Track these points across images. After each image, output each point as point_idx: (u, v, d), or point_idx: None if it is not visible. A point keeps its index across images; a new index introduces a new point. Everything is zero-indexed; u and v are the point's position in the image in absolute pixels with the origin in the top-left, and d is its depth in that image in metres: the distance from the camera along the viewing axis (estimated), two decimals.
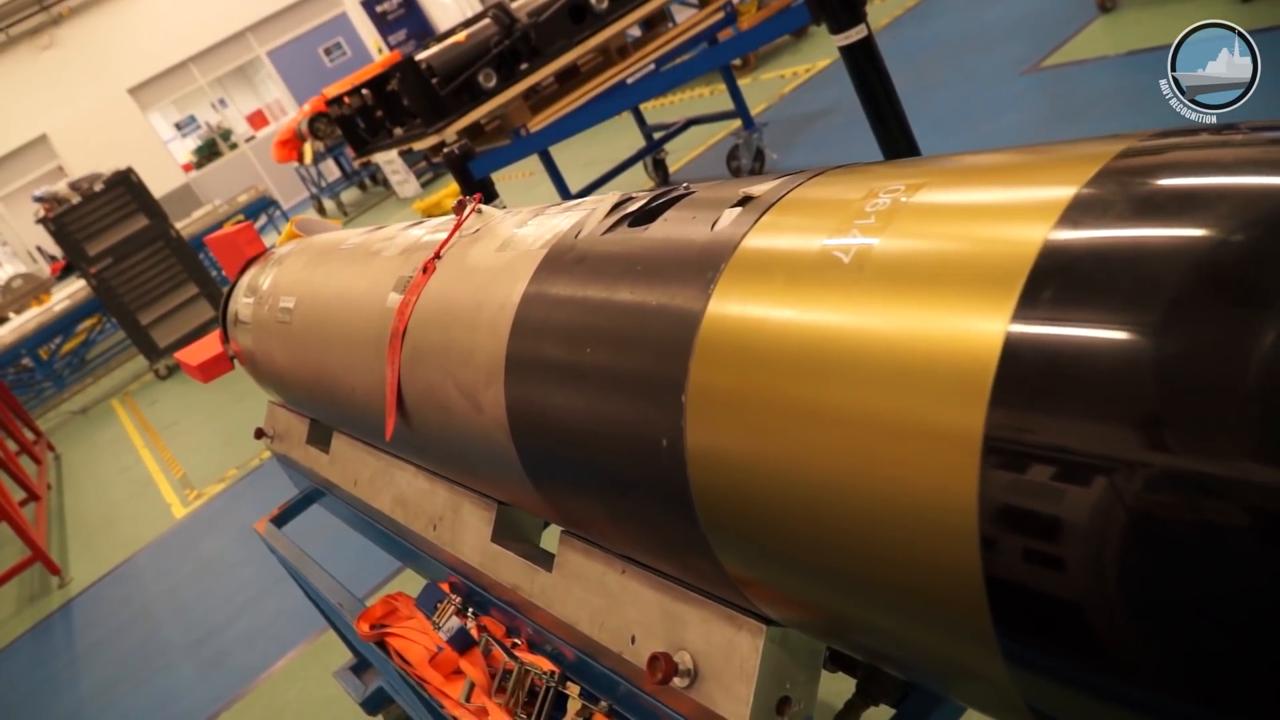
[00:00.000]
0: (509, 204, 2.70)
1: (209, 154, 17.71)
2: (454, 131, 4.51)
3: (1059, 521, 0.50)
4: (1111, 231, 0.51)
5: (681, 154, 6.83)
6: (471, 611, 1.44)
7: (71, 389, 10.42)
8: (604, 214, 1.01)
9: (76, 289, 9.51)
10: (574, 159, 7.04)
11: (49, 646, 4.71)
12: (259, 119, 18.50)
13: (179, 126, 18.68)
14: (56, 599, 5.17)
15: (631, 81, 4.93)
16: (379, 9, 16.61)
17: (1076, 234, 0.53)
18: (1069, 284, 0.51)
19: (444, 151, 4.04)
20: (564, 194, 5.13)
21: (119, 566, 5.19)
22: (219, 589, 4.30)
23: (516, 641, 1.33)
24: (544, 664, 1.24)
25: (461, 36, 4.81)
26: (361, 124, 5.44)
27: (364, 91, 5.31)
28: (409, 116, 4.98)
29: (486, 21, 4.83)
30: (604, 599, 1.06)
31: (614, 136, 7.38)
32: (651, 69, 5.09)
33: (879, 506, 0.60)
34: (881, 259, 0.63)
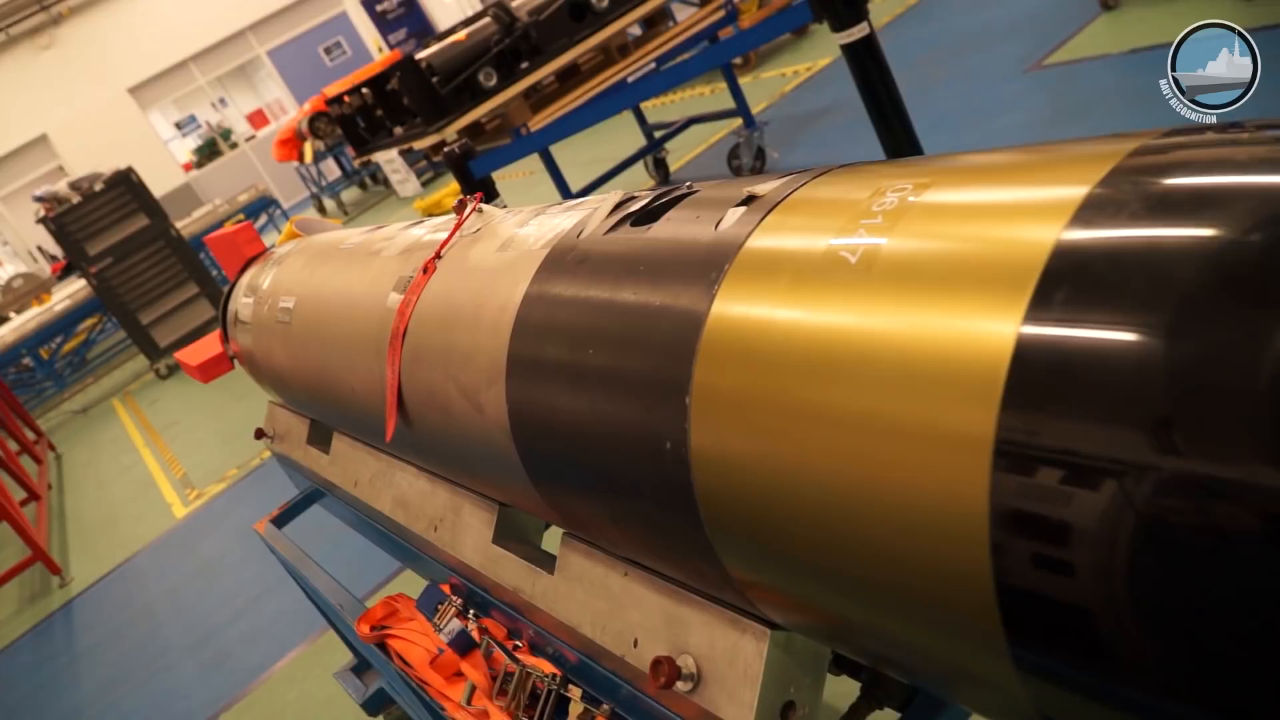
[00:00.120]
0: (509, 203, 2.69)
1: (209, 153, 17.70)
2: (454, 130, 4.51)
3: (1072, 526, 0.49)
4: (1125, 231, 0.50)
5: (682, 153, 6.82)
6: (473, 613, 1.43)
7: (72, 388, 10.42)
8: (606, 213, 1.00)
9: (77, 288, 9.51)
10: (574, 158, 7.03)
11: (50, 646, 4.71)
12: (259, 118, 18.49)
13: (179, 126, 18.68)
14: (57, 599, 5.17)
15: (632, 80, 4.92)
16: (379, 8, 16.59)
17: (1089, 234, 0.52)
18: (1082, 285, 0.50)
19: (444, 150, 4.03)
20: (565, 193, 5.12)
21: (120, 566, 5.18)
22: (219, 589, 4.29)
23: (518, 644, 1.32)
24: (545, 666, 1.24)
25: (462, 35, 4.80)
26: (362, 123, 5.43)
27: (364, 90, 5.30)
28: (409, 115, 4.97)
29: (487, 20, 4.82)
30: (606, 602, 1.06)
31: (614, 135, 7.37)
32: (652, 68, 5.08)
33: (887, 510, 0.59)
34: (889, 259, 0.62)
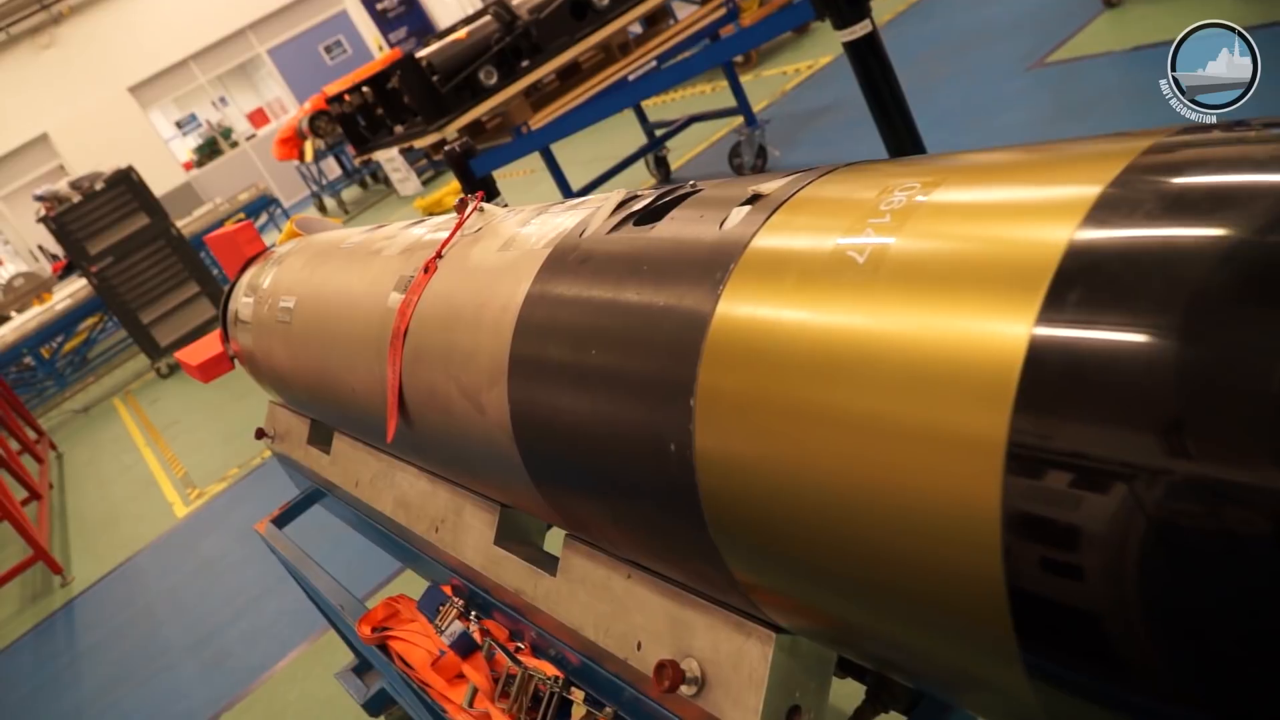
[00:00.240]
0: (510, 202, 2.68)
1: (210, 152, 17.69)
2: (455, 129, 4.49)
3: (1087, 531, 0.48)
4: (1140, 231, 0.49)
5: (683, 151, 6.81)
6: (474, 615, 1.42)
7: (73, 388, 10.42)
8: (609, 213, 0.99)
9: (78, 288, 9.51)
10: (575, 156, 7.02)
11: (51, 646, 4.70)
12: (259, 117, 18.48)
13: (180, 125, 18.66)
14: (58, 598, 5.17)
15: (633, 79, 4.90)
16: (379, 6, 16.55)
17: (1103, 233, 0.51)
18: (1096, 286, 0.49)
19: (445, 149, 4.02)
20: (565, 191, 5.11)
21: (121, 566, 5.18)
22: (220, 588, 4.29)
23: (520, 645, 1.31)
24: (548, 669, 1.23)
25: (462, 34, 4.78)
26: (362, 122, 5.42)
27: (364, 89, 5.29)
28: (410, 114, 4.96)
29: (487, 18, 4.81)
30: (609, 604, 1.05)
31: (615, 134, 7.35)
32: (653, 66, 5.06)
33: (896, 514, 0.58)
34: (898, 259, 0.61)
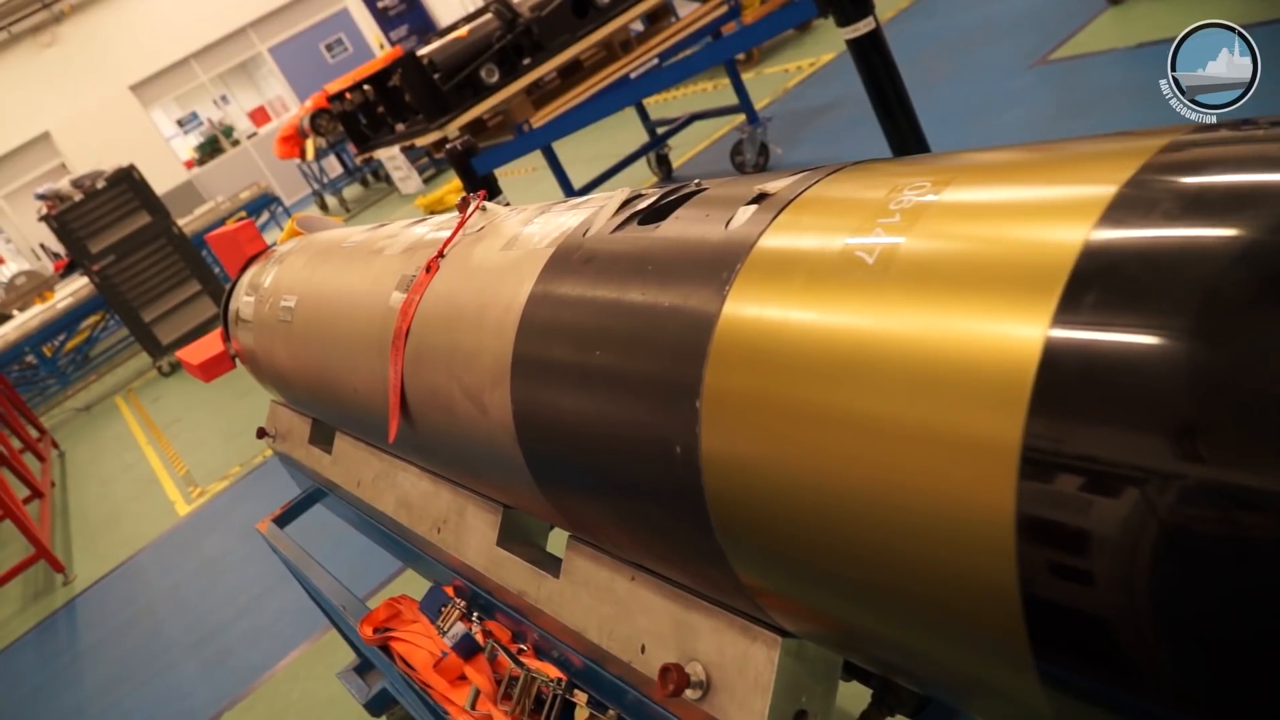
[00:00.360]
0: (512, 200, 2.67)
1: (211, 151, 17.69)
2: (456, 127, 4.48)
3: (1103, 537, 0.47)
4: (1158, 231, 0.48)
5: (685, 149, 6.79)
6: (476, 616, 1.41)
7: (75, 386, 10.42)
8: (612, 212, 0.98)
9: (79, 286, 9.51)
10: (577, 154, 7.01)
11: (53, 644, 4.70)
12: (261, 115, 18.46)
13: (181, 123, 18.65)
14: (60, 596, 5.16)
15: (635, 76, 4.89)
16: (380, 4, 16.52)
17: (1120, 234, 0.50)
18: (1113, 287, 0.48)
19: (446, 147, 4.02)
20: (567, 190, 5.09)
21: (123, 564, 5.17)
22: (222, 587, 4.29)
23: (522, 647, 1.30)
24: (550, 671, 1.22)
25: (463, 31, 4.77)
26: (363, 120, 5.41)
27: (366, 87, 5.28)
28: (411, 112, 4.95)
29: (489, 16, 4.79)
30: (613, 606, 1.04)
31: (617, 132, 7.34)
32: (655, 64, 5.05)
33: (907, 518, 0.57)
34: (908, 259, 0.60)
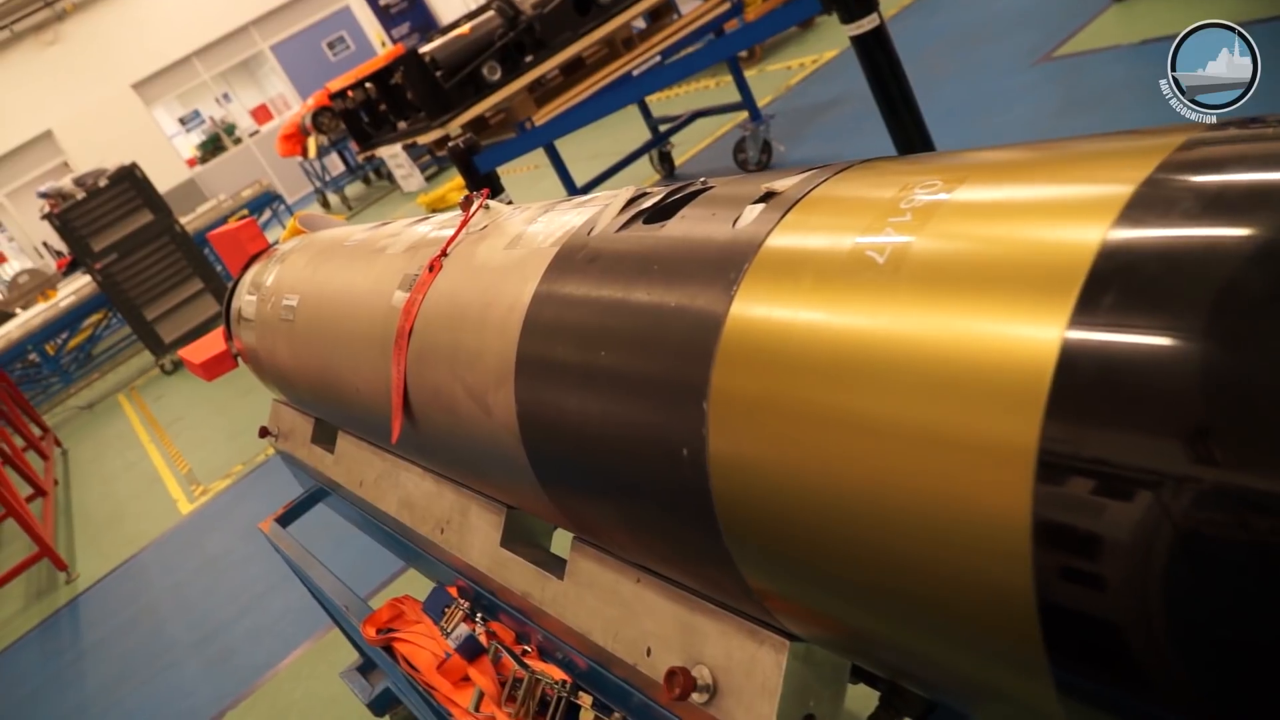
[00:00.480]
0: (514, 198, 2.66)
1: (213, 149, 17.69)
2: (458, 125, 4.47)
3: (1123, 543, 0.46)
4: (1178, 231, 0.47)
5: (688, 147, 6.77)
6: (480, 617, 1.40)
7: (78, 384, 10.43)
8: (617, 210, 0.97)
9: (82, 284, 9.51)
10: (579, 152, 6.99)
11: (56, 642, 4.70)
12: (263, 113, 18.46)
13: (183, 121, 18.65)
14: (63, 595, 5.17)
15: (637, 74, 4.87)
16: (382, 2, 16.47)
17: (1138, 233, 0.49)
18: (1132, 288, 0.47)
19: (448, 145, 4.00)
20: (570, 188, 5.08)
21: (125, 563, 5.18)
22: (225, 585, 4.28)
23: (526, 649, 1.30)
24: (555, 672, 1.21)
25: (465, 29, 4.76)
26: (365, 118, 5.40)
27: (368, 85, 5.27)
28: (413, 110, 4.93)
29: (490, 14, 4.78)
30: (618, 609, 1.03)
31: (619, 129, 7.32)
32: (657, 61, 5.03)
33: (919, 522, 0.56)
34: (920, 259, 0.59)
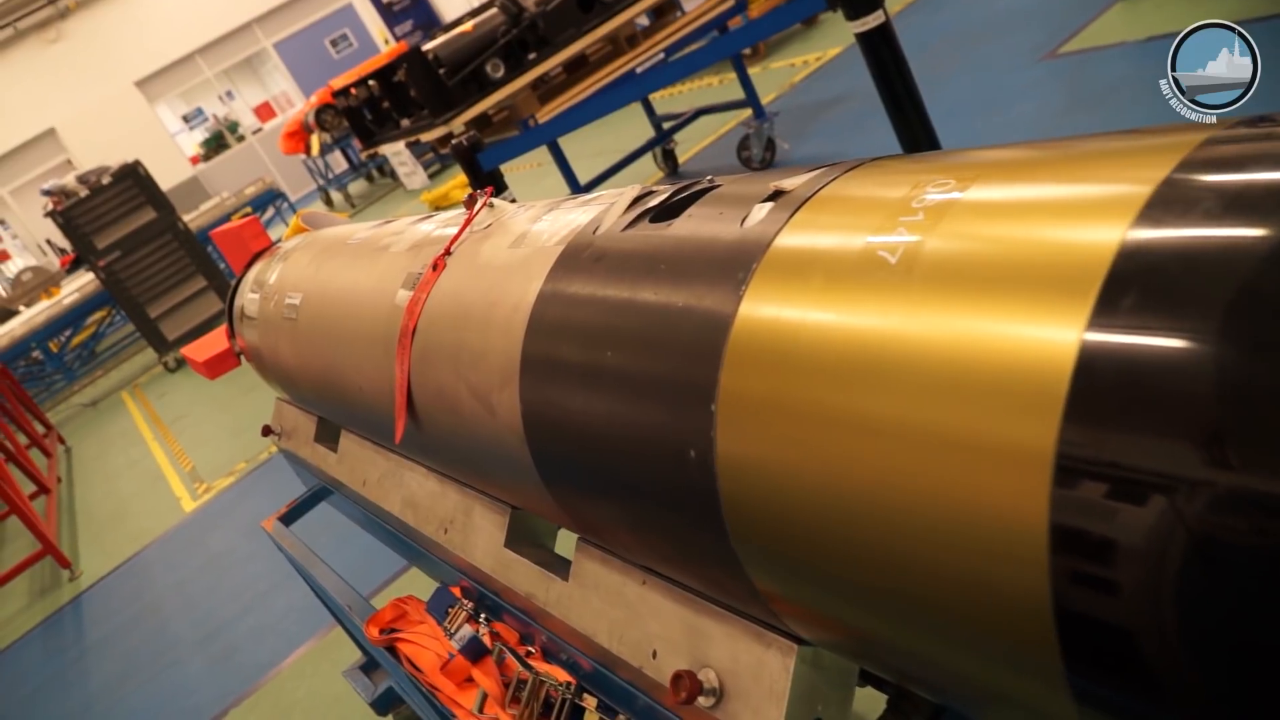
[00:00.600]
0: (518, 196, 2.65)
1: (216, 146, 17.69)
2: (461, 122, 4.46)
3: (1143, 550, 0.45)
4: (1200, 231, 0.46)
5: (691, 144, 6.76)
6: (484, 617, 1.40)
7: (81, 382, 10.43)
8: (623, 209, 0.97)
9: (85, 282, 9.51)
10: (582, 149, 6.98)
11: (59, 640, 4.71)
12: (266, 111, 18.46)
13: (186, 119, 18.66)
14: (67, 592, 5.17)
15: (641, 71, 4.86)
16: (385, 0, 16.51)
17: (1159, 233, 0.47)
18: (1153, 289, 0.46)
19: (452, 143, 3.99)
20: (573, 185, 5.07)
21: (129, 560, 5.18)
22: (228, 583, 4.28)
23: (530, 650, 1.29)
24: (559, 674, 1.20)
25: (469, 26, 4.75)
26: (368, 115, 5.40)
27: (371, 83, 5.27)
28: (416, 108, 4.93)
29: (494, 11, 4.77)
30: (623, 610, 1.02)
31: (622, 127, 7.31)
32: (661, 58, 5.02)
33: (932, 527, 0.55)
34: (933, 259, 0.58)
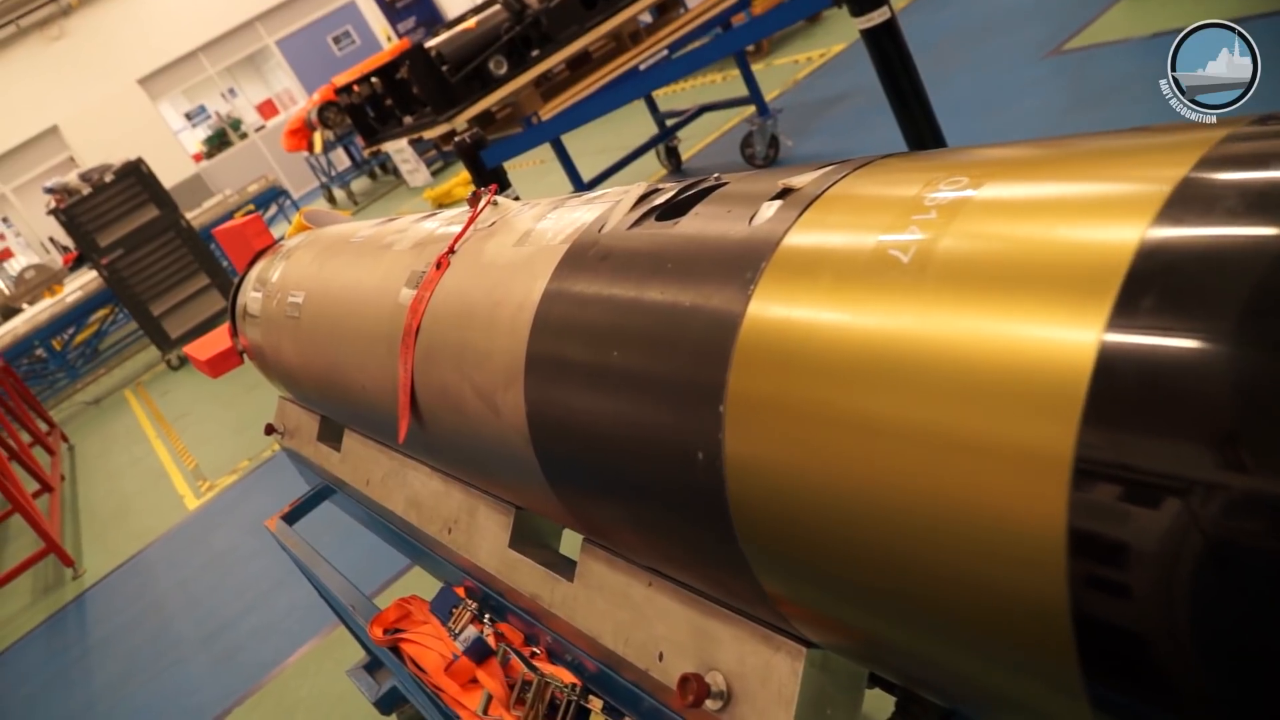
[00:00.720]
0: (521, 193, 2.64)
1: (219, 144, 17.68)
2: (464, 120, 4.45)
3: (1163, 554, 0.44)
4: (1222, 230, 0.45)
5: (694, 141, 6.74)
6: (488, 618, 1.39)
7: (84, 379, 10.45)
8: (629, 207, 0.96)
9: (88, 280, 9.52)
10: (585, 147, 6.96)
11: (62, 639, 4.71)
12: (269, 108, 18.45)
13: (189, 116, 18.65)
14: (70, 591, 5.17)
15: (644, 68, 4.84)
16: None
17: (1180, 232, 0.46)
18: (1174, 289, 0.45)
19: (455, 140, 3.99)
20: (576, 182, 5.06)
21: (132, 558, 5.18)
22: (231, 582, 4.28)
23: (535, 650, 1.28)
24: (564, 675, 1.20)
25: (471, 23, 4.74)
26: (371, 113, 5.38)
27: (373, 80, 5.26)
28: (419, 105, 4.92)
29: (497, 8, 4.76)
30: (629, 612, 1.01)
31: (625, 124, 7.29)
32: (664, 55, 5.00)
33: (946, 530, 0.54)
34: (947, 259, 0.57)
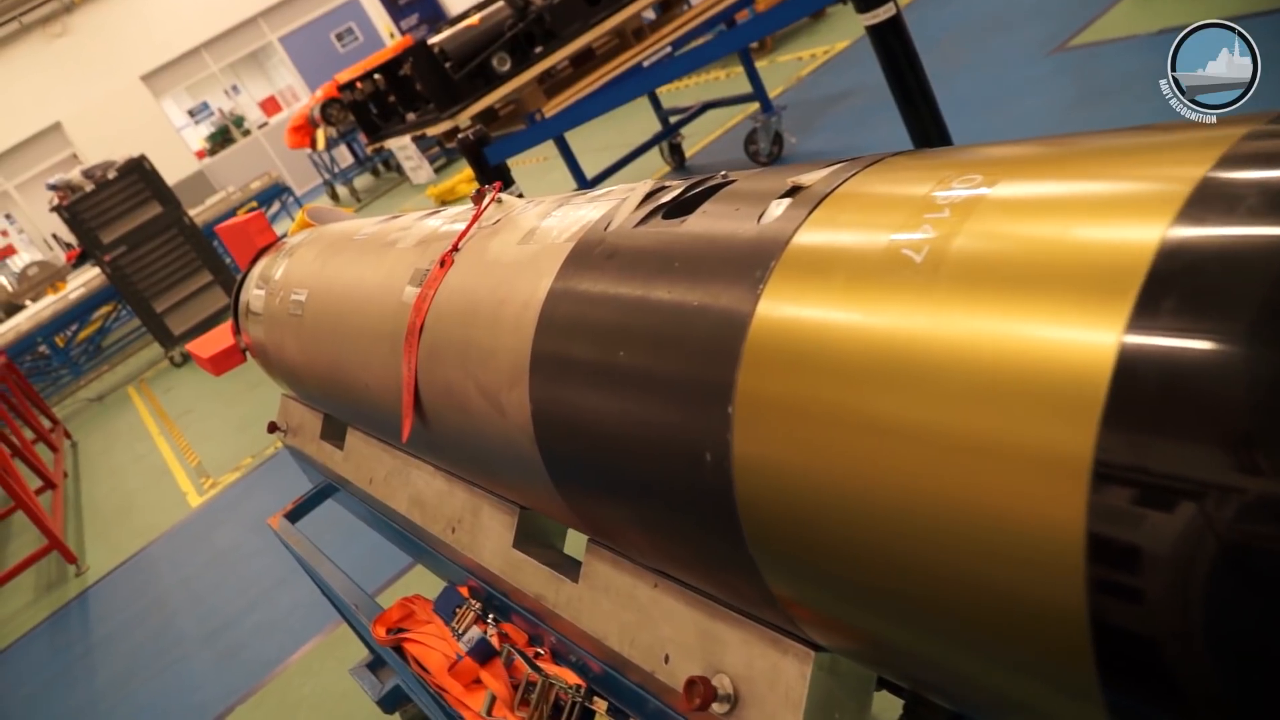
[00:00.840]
0: (524, 190, 2.63)
1: (222, 140, 17.68)
2: (468, 117, 4.44)
3: (1184, 560, 0.43)
4: (1245, 229, 0.44)
5: (698, 138, 6.73)
6: (492, 618, 1.38)
7: (88, 376, 10.45)
8: (635, 204, 0.95)
9: (91, 276, 9.52)
10: (589, 143, 6.95)
11: (65, 636, 4.71)
12: (272, 105, 18.45)
13: (192, 113, 18.66)
14: (73, 588, 5.17)
15: (648, 65, 4.83)
16: None
17: (1201, 231, 0.46)
18: (1195, 290, 0.44)
19: (458, 137, 3.97)
20: (580, 180, 5.05)
21: (135, 555, 5.18)
22: (234, 579, 4.28)
23: (539, 651, 1.27)
24: (569, 677, 1.19)
25: (475, 20, 4.72)
26: (374, 109, 5.37)
27: (376, 77, 5.25)
28: (422, 101, 4.91)
29: (500, 4, 4.74)
30: (634, 613, 1.01)
31: (629, 121, 7.28)
32: (668, 52, 4.99)
33: (960, 534, 0.53)
34: (961, 258, 0.56)
